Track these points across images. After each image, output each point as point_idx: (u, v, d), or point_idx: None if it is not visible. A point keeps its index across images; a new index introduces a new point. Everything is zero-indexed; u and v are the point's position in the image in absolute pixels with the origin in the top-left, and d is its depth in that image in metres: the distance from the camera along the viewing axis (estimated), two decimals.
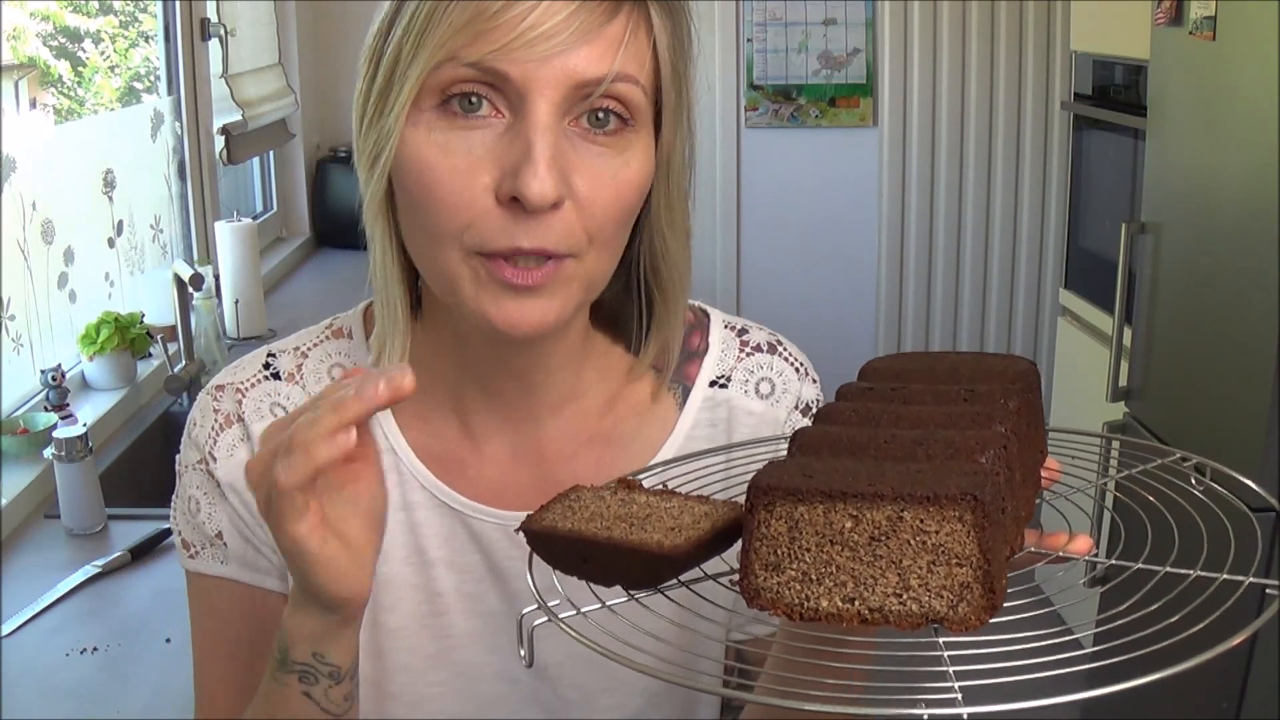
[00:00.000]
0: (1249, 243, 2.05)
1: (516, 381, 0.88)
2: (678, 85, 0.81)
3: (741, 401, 0.95)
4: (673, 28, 0.80)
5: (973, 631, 0.59)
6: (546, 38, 0.72)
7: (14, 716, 1.35)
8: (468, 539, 0.90)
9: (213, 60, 3.04)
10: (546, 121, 0.73)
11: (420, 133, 0.75)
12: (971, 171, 4.26)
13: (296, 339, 0.94)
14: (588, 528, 0.67)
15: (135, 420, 2.32)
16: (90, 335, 2.28)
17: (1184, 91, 2.32)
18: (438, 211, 0.75)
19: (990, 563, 0.58)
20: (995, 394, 0.71)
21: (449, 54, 0.73)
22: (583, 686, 0.92)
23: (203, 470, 0.91)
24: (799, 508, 0.61)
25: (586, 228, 0.76)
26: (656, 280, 0.88)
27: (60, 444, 1.79)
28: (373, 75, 0.78)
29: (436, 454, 0.90)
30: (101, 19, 2.63)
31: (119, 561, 1.70)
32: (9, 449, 1.96)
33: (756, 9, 4.17)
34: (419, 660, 0.91)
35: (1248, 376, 2.06)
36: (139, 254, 2.71)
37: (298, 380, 0.92)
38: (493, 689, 0.92)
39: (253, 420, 0.90)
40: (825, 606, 0.61)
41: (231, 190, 3.43)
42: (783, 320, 4.57)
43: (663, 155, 0.82)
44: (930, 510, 0.58)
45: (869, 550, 0.60)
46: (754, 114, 4.26)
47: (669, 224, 0.85)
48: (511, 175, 0.73)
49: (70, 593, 1.63)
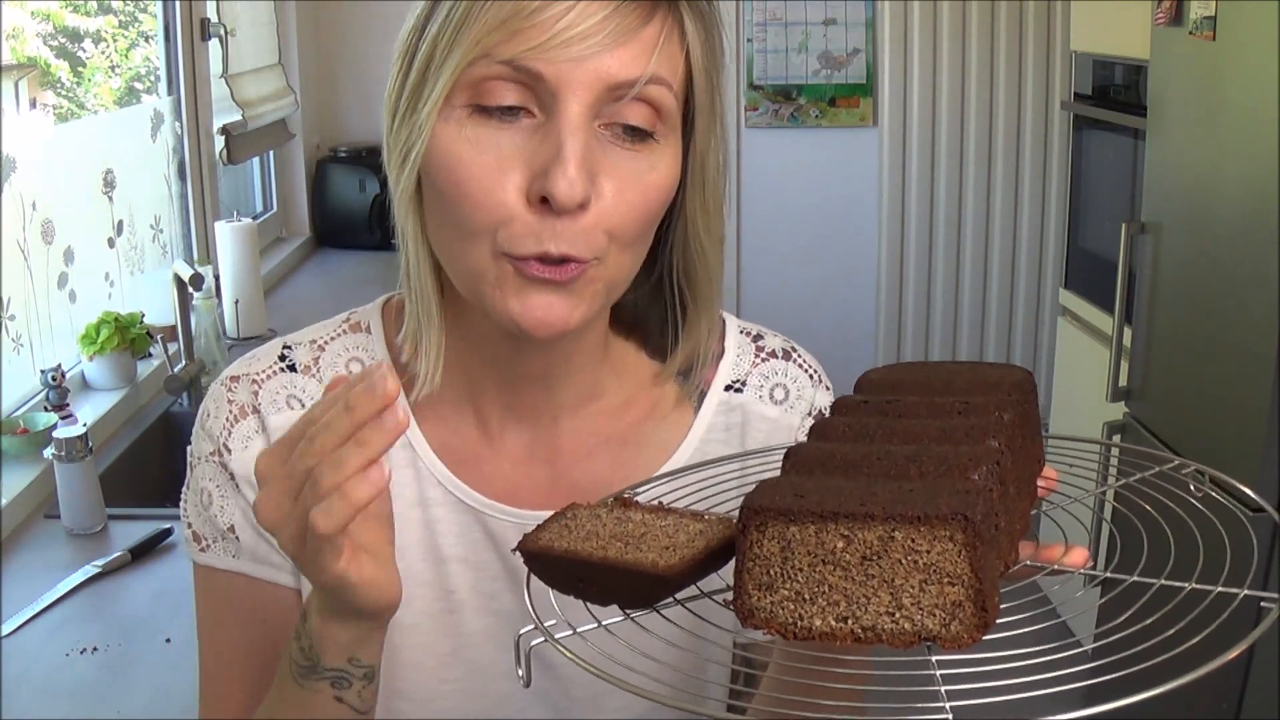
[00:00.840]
0: (1249, 243, 2.05)
1: (535, 381, 0.88)
2: (710, 90, 0.81)
3: (756, 407, 0.95)
4: (705, 34, 0.79)
5: (965, 649, 0.59)
6: (582, 39, 0.72)
7: (14, 716, 1.35)
8: (483, 536, 0.90)
9: (213, 60, 3.04)
10: (578, 122, 0.73)
11: (452, 129, 0.75)
12: (971, 171, 4.26)
13: (312, 332, 0.94)
14: (583, 547, 0.67)
15: (135, 420, 2.32)
16: (90, 335, 2.28)
17: (1184, 91, 2.32)
18: (468, 209, 0.75)
19: (982, 581, 0.58)
20: (990, 406, 0.71)
21: (483, 51, 0.73)
22: (592, 686, 0.92)
23: (216, 462, 0.90)
24: (791, 528, 0.61)
25: (609, 230, 0.76)
26: (691, 286, 0.88)
27: (60, 444, 1.79)
28: (406, 71, 0.78)
29: (454, 450, 0.90)
30: (101, 19, 2.63)
31: (119, 561, 1.70)
32: (9, 449, 1.96)
33: (756, 9, 4.17)
34: (431, 658, 0.91)
35: (1248, 376, 2.06)
36: (139, 254, 2.71)
37: (314, 374, 0.91)
38: (503, 688, 0.92)
39: (269, 412, 0.89)
40: (819, 625, 0.61)
41: (231, 190, 3.43)
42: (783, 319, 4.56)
43: (696, 161, 0.82)
44: (921, 530, 0.59)
45: (861, 570, 0.60)
46: (754, 114, 4.26)
47: (706, 230, 0.85)
48: (542, 175, 0.73)
49: (70, 593, 1.63)
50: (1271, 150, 1.95)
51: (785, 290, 4.41)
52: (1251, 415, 2.04)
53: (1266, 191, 1.97)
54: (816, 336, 4.21)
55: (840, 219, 4.36)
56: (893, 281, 4.38)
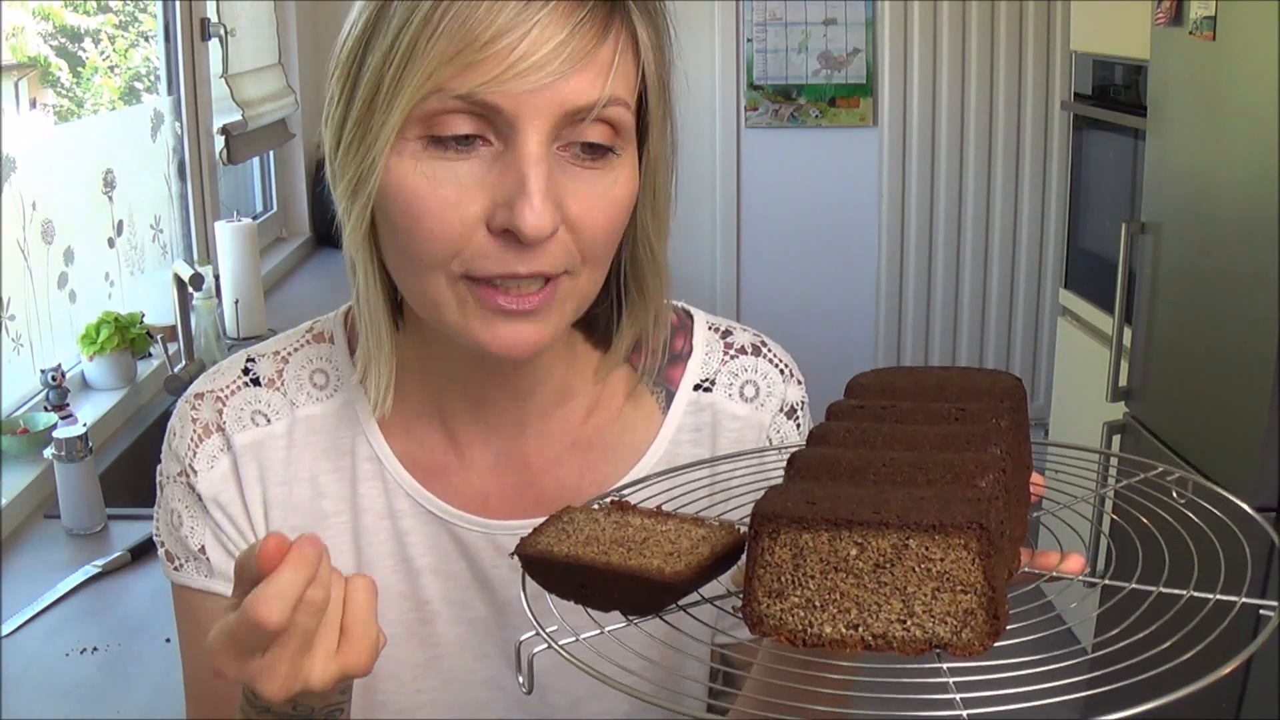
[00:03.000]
0: (1249, 243, 2.05)
1: (502, 390, 0.88)
2: (662, 96, 0.80)
3: (726, 405, 0.94)
4: (657, 36, 0.78)
5: (976, 657, 0.59)
6: (538, 68, 0.70)
7: (14, 716, 1.35)
8: (453, 546, 0.90)
9: (213, 60, 3.03)
10: (539, 152, 0.72)
11: (407, 162, 0.73)
12: (971, 171, 4.26)
13: (275, 343, 0.93)
14: (585, 552, 0.67)
15: (135, 420, 2.32)
16: (90, 335, 2.28)
17: (1184, 91, 2.31)
18: (426, 241, 0.74)
19: (994, 589, 0.59)
20: (987, 413, 0.71)
21: (436, 86, 0.71)
22: (571, 693, 0.92)
23: (184, 483, 0.90)
24: (804, 535, 0.61)
25: (580, 249, 0.76)
26: (637, 281, 0.87)
27: (60, 444, 1.79)
28: (349, 97, 0.75)
29: (421, 462, 0.90)
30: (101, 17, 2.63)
31: (119, 561, 1.70)
32: (9, 449, 1.96)
33: (756, 9, 4.17)
34: (407, 669, 0.91)
35: (1248, 376, 2.06)
36: (139, 254, 2.71)
37: (278, 386, 0.91)
38: (480, 696, 0.92)
39: (234, 430, 0.89)
40: (829, 633, 0.61)
41: (231, 190, 3.43)
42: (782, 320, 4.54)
43: (649, 167, 0.81)
44: (936, 539, 0.59)
45: (873, 577, 0.60)
46: (754, 114, 4.26)
47: (654, 230, 0.84)
48: (505, 207, 0.72)
49: (70, 593, 1.63)
50: (1271, 150, 1.95)
51: (785, 290, 4.41)
52: (1251, 415, 2.04)
53: (1266, 191, 1.97)
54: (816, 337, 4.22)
55: (840, 219, 4.36)
56: (892, 281, 4.38)
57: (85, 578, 1.66)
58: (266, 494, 0.89)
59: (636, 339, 0.90)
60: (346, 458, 0.90)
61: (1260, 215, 2.00)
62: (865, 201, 4.34)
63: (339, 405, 0.90)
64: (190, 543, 0.90)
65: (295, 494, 0.89)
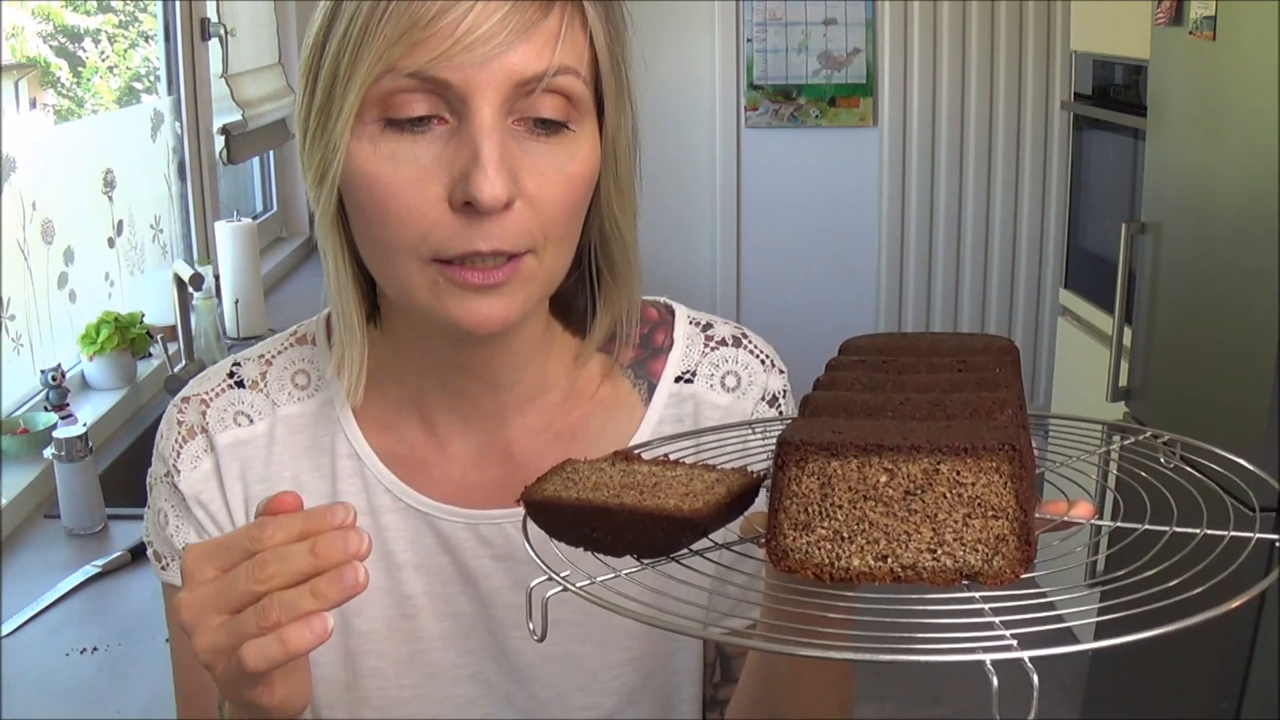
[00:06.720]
0: (1249, 243, 2.05)
1: (480, 380, 0.88)
2: (617, 72, 0.81)
3: (708, 396, 0.95)
4: (607, 15, 0.79)
5: (1006, 586, 0.58)
6: (484, 40, 0.72)
7: (14, 716, 1.35)
8: (435, 541, 0.90)
9: (213, 60, 3.03)
10: (491, 123, 0.73)
11: (366, 146, 0.75)
12: (971, 171, 4.26)
13: (262, 347, 0.95)
14: (596, 496, 0.65)
15: (135, 420, 2.32)
16: (90, 335, 2.28)
17: (1184, 91, 2.31)
18: (392, 223, 0.75)
19: (1025, 514, 0.57)
20: (988, 364, 0.71)
21: (387, 66, 0.73)
22: (558, 686, 0.92)
23: (169, 483, 0.92)
24: (832, 463, 0.59)
25: (540, 224, 0.76)
26: (607, 262, 0.88)
27: (60, 444, 1.79)
28: (312, 88, 0.78)
29: (400, 457, 0.90)
30: (100, 17, 2.63)
31: (119, 561, 1.71)
32: (9, 449, 1.96)
33: (756, 9, 4.17)
34: (390, 664, 0.91)
35: (1248, 376, 2.06)
36: (139, 254, 2.71)
37: (261, 388, 0.92)
38: (466, 691, 0.92)
39: (216, 431, 0.91)
40: (857, 565, 0.60)
41: (231, 190, 3.43)
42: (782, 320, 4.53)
43: (608, 143, 0.82)
44: (968, 462, 0.57)
45: (903, 505, 0.59)
46: (754, 114, 4.26)
47: (620, 208, 0.85)
48: (462, 180, 0.73)
49: (70, 593, 1.63)
50: (1271, 150, 1.95)
51: (785, 290, 4.41)
52: (1252, 415, 2.04)
53: (1266, 191, 1.97)
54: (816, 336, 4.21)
55: (840, 219, 4.36)
56: (892, 281, 4.38)
57: (85, 578, 1.66)
58: (248, 492, 0.91)
59: (613, 324, 0.91)
60: (326, 456, 0.90)
61: (1260, 215, 2.00)
62: (865, 201, 4.34)
63: (319, 404, 0.92)
64: (175, 542, 0.91)
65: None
